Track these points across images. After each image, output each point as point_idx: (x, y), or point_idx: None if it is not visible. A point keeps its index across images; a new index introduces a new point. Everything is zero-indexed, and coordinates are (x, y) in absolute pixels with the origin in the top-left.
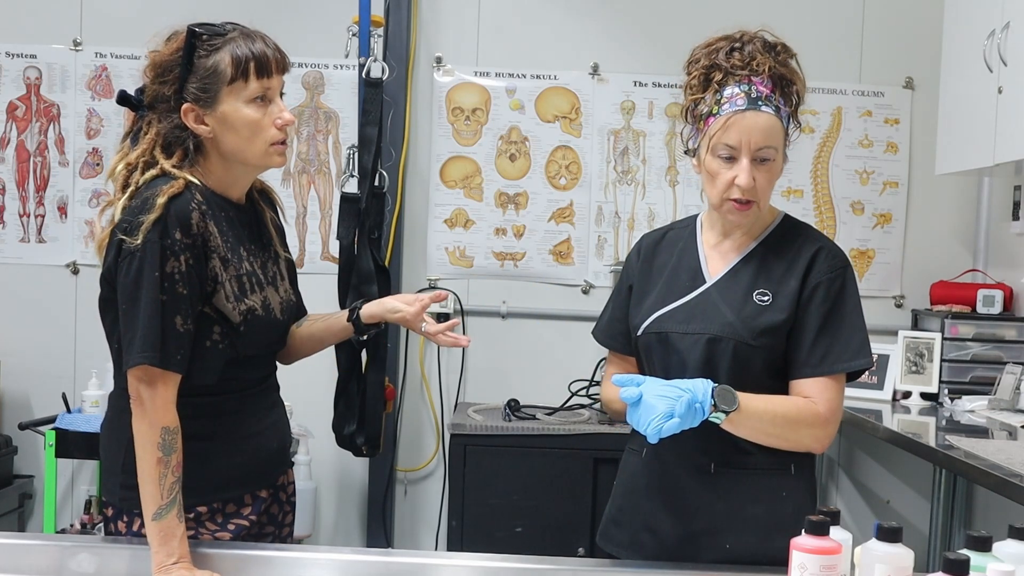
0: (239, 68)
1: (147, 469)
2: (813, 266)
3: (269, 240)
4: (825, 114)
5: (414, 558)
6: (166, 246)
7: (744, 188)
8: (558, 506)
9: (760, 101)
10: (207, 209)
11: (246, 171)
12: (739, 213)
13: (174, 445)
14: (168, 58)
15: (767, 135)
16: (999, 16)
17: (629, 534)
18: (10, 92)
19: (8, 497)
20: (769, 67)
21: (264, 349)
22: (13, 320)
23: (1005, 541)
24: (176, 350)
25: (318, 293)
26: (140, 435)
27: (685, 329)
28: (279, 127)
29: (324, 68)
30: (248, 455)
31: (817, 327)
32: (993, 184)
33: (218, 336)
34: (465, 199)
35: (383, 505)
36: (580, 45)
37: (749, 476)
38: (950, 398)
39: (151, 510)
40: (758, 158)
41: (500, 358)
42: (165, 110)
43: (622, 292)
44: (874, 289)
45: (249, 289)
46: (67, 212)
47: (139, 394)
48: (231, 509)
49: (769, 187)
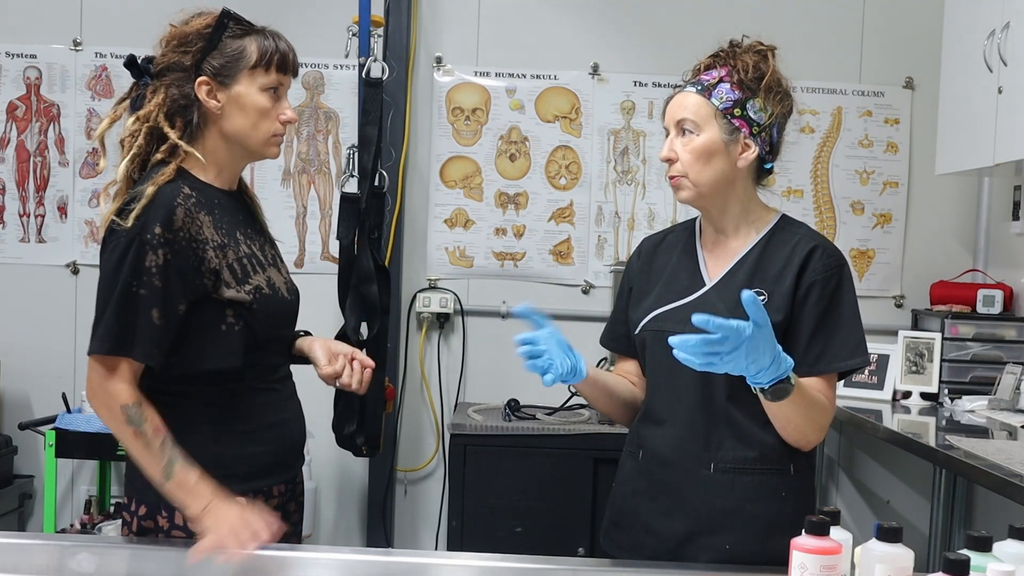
0: (263, 57)
1: (131, 446)
2: (808, 265)
3: (261, 226)
4: (825, 114)
5: (414, 558)
6: (145, 240)
7: (663, 158)
8: (558, 506)
9: (690, 84)
10: (196, 200)
11: (242, 155)
12: (674, 188)
13: (142, 415)
14: (195, 31)
15: (684, 108)
16: (999, 16)
17: (630, 536)
18: (10, 92)
19: (8, 497)
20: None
21: (277, 331)
22: (13, 320)
23: (1005, 541)
24: (143, 341)
25: (318, 293)
26: (106, 421)
27: (683, 329)
28: (282, 122)
29: (324, 68)
30: (272, 444)
31: (813, 326)
32: (993, 184)
33: (232, 319)
34: (465, 199)
35: (383, 505)
36: (580, 45)
37: (748, 476)
38: (950, 398)
39: (158, 476)
40: (681, 131)
41: (500, 358)
42: (178, 79)
43: (623, 295)
44: (874, 289)
45: (252, 270)
46: (67, 212)
47: (92, 382)
48: (260, 501)
49: (695, 160)
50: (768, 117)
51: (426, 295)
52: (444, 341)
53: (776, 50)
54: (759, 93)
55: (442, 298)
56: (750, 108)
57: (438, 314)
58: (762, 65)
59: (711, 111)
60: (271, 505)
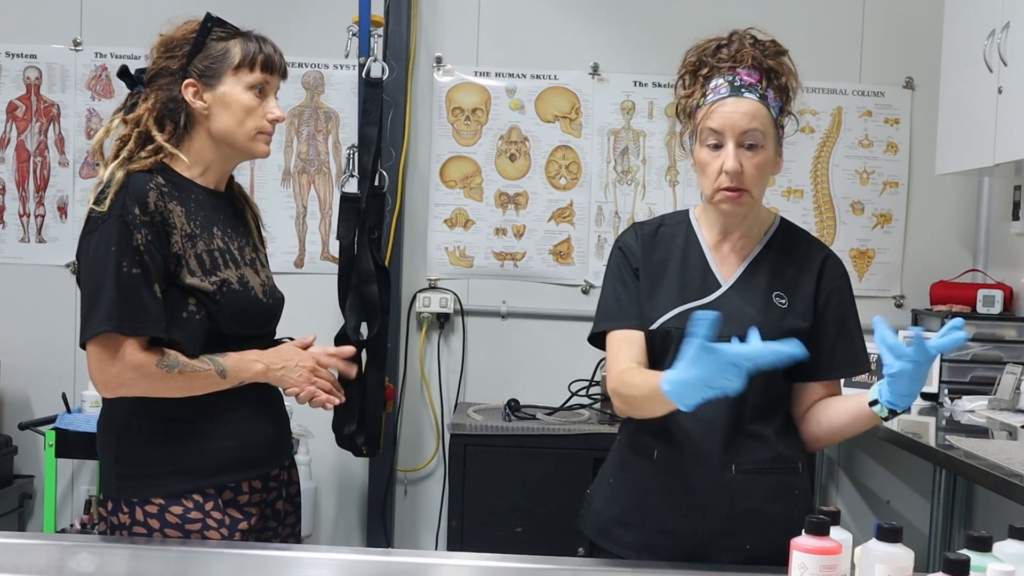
0: (247, 57)
1: (180, 385)
2: (824, 272)
3: (248, 230)
4: (825, 114)
5: (414, 558)
6: (128, 221)
7: (731, 172)
8: (558, 506)
9: (743, 88)
10: (169, 190)
11: (230, 155)
12: (731, 203)
13: (174, 358)
14: (181, 36)
15: (750, 119)
16: (999, 16)
17: (642, 537)
18: (10, 92)
19: (8, 497)
20: (753, 58)
21: (248, 330)
22: (13, 320)
23: (1005, 541)
24: (154, 317)
25: (318, 293)
26: (148, 391)
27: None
28: (269, 120)
29: (324, 68)
30: (237, 439)
31: (835, 332)
32: (993, 184)
33: (194, 307)
34: (465, 199)
35: (383, 505)
36: (580, 45)
37: (765, 475)
38: (950, 398)
39: (218, 386)
40: (744, 143)
41: (500, 358)
42: (166, 84)
43: (628, 276)
44: (874, 289)
45: (223, 264)
46: (67, 212)
47: (101, 365)
48: (227, 496)
49: (760, 176)
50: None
51: (426, 295)
52: (444, 341)
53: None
54: (790, 101)
55: (442, 298)
56: (785, 116)
57: (438, 314)
58: (791, 69)
59: (771, 122)
60: (243, 501)
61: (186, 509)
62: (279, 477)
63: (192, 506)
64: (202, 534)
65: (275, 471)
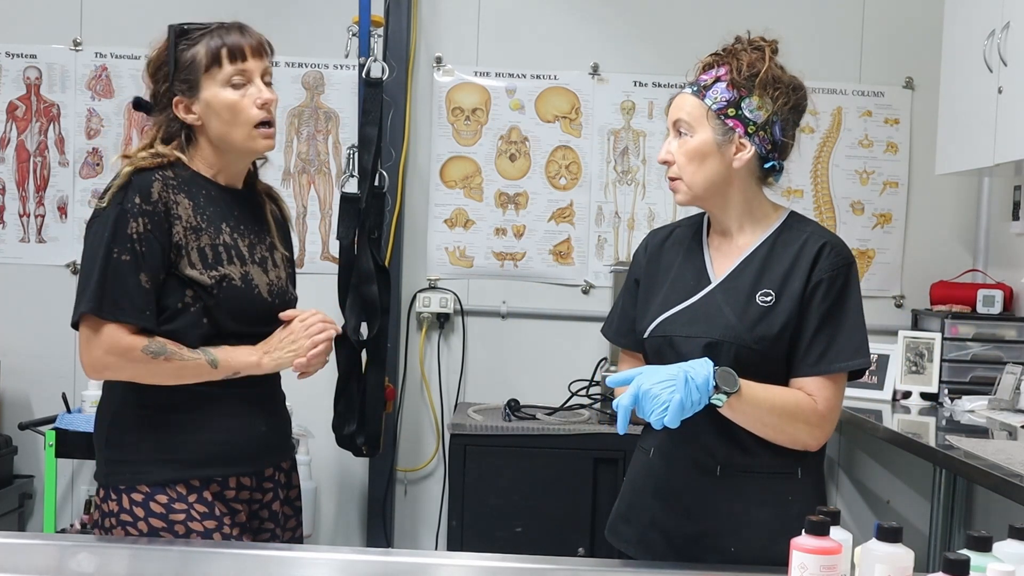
0: (212, 56)
1: (168, 371)
2: (817, 262)
3: (265, 229)
4: (825, 114)
5: (414, 558)
6: (126, 209)
7: (659, 160)
8: (558, 506)
9: (689, 85)
10: (177, 183)
11: (237, 157)
12: (674, 191)
13: (160, 344)
14: (157, 56)
15: (680, 110)
16: (999, 16)
17: (637, 532)
18: (10, 92)
19: (8, 497)
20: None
21: (248, 327)
22: (13, 320)
23: (1005, 541)
24: (129, 305)
25: (318, 293)
26: (135, 376)
27: (688, 332)
28: (259, 105)
29: (324, 68)
30: (227, 434)
31: (817, 325)
32: (993, 184)
33: (190, 299)
34: (465, 199)
35: (383, 505)
36: (580, 45)
37: (755, 479)
38: (950, 398)
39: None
40: (677, 133)
41: (500, 358)
42: (163, 106)
43: (629, 288)
44: (874, 289)
45: (226, 259)
46: (67, 212)
47: (88, 347)
48: (214, 490)
49: (689, 163)
50: (766, 115)
51: (426, 295)
52: (444, 341)
53: (776, 44)
54: (754, 91)
55: (442, 298)
56: (745, 107)
57: (438, 314)
58: (758, 62)
59: (704, 112)
60: (230, 496)
61: (170, 499)
62: (275, 478)
63: (176, 497)
64: (186, 526)
65: (269, 471)
